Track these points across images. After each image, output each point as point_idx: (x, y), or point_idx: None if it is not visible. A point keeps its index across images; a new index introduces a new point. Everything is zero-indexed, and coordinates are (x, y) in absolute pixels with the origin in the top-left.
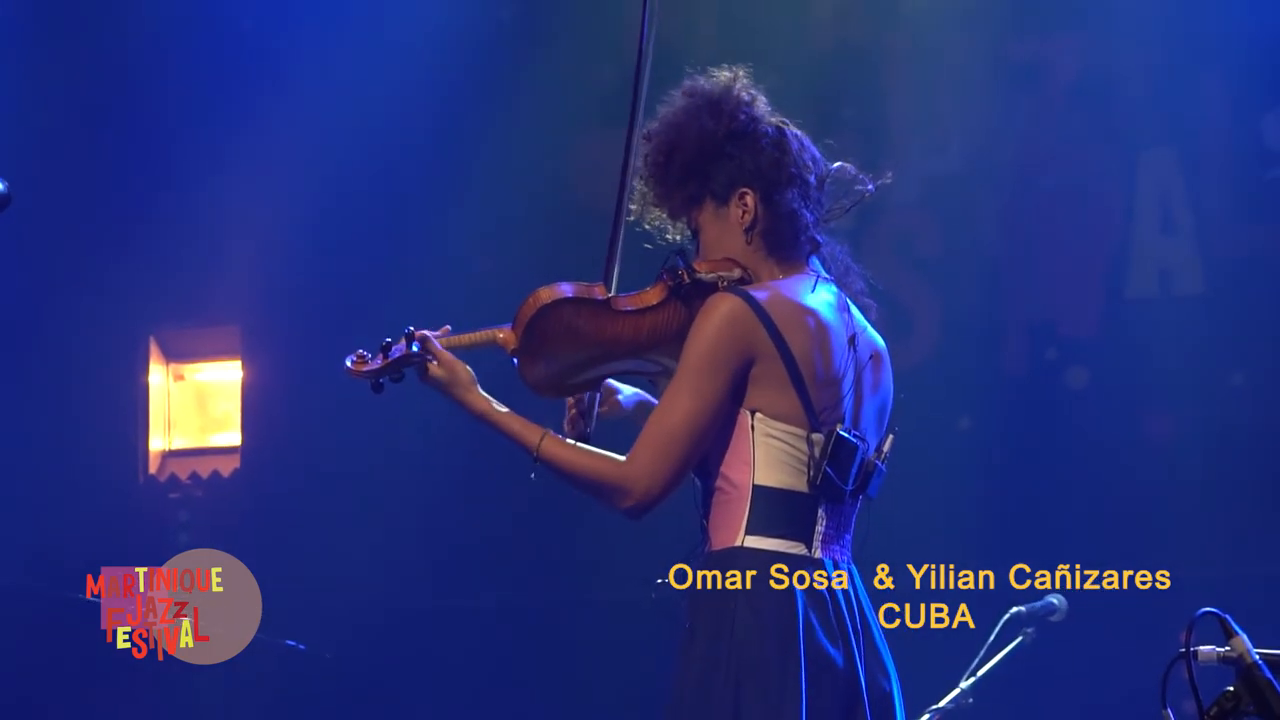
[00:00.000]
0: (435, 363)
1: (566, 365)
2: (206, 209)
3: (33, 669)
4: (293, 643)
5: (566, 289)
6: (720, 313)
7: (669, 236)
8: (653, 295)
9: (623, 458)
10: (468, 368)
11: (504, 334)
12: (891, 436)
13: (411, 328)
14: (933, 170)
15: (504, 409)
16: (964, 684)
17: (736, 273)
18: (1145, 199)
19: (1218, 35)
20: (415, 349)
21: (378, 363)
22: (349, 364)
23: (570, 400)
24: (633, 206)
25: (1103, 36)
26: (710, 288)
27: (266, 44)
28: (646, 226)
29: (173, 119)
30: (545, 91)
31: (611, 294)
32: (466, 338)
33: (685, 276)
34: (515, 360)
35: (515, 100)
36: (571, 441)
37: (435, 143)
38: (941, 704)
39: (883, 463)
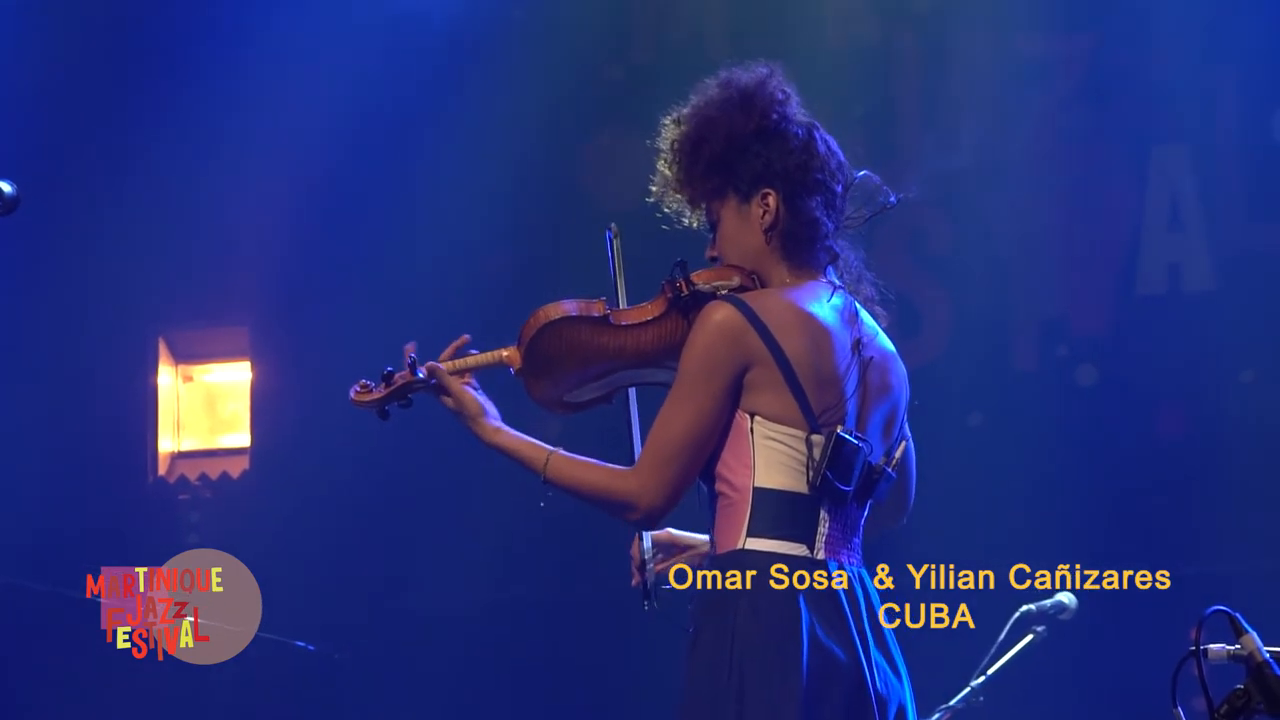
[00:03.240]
0: (444, 393)
1: (571, 382)
2: (215, 209)
3: (35, 670)
4: (302, 644)
5: (568, 307)
6: (712, 322)
7: (686, 221)
8: (652, 309)
9: (628, 470)
10: (475, 397)
11: (508, 353)
12: (905, 444)
13: (413, 356)
14: (944, 167)
15: (513, 434)
16: (974, 682)
17: (735, 280)
18: (1156, 195)
19: (1229, 31)
20: (419, 374)
21: (381, 391)
22: (352, 394)
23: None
24: (653, 189)
25: (1114, 33)
26: (709, 298)
27: (274, 45)
28: (665, 210)
29: (181, 118)
30: (555, 91)
31: (612, 309)
32: (472, 360)
33: (684, 288)
34: (521, 379)
35: (525, 101)
36: (578, 457)
37: (445, 144)
38: (952, 702)
39: (893, 469)
